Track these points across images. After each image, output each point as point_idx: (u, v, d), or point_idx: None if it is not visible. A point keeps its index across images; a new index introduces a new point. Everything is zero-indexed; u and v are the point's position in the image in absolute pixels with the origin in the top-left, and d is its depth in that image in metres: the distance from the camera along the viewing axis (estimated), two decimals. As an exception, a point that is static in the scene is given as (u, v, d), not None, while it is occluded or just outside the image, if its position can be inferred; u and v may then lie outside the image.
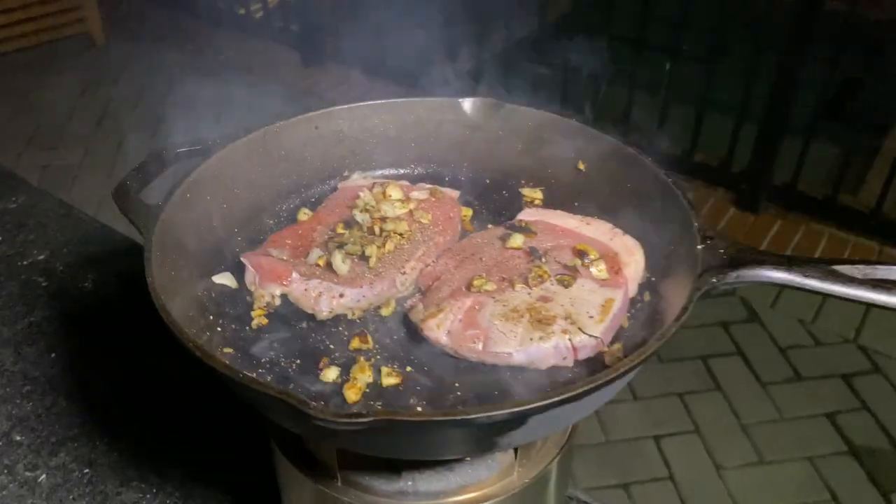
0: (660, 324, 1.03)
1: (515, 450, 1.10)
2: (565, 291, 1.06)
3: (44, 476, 1.39)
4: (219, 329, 1.07)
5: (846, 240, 4.39)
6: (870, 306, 0.93)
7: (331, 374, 1.00)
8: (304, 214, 1.27)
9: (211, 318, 1.09)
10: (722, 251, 1.01)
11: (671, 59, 4.40)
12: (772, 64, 4.06)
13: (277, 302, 1.11)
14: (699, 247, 1.02)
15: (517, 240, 1.14)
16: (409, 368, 1.02)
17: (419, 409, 0.96)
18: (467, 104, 1.35)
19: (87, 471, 1.40)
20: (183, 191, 1.13)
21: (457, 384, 1.00)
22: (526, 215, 1.22)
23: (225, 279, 1.15)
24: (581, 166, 1.29)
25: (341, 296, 1.09)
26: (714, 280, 0.97)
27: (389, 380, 1.00)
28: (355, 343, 1.05)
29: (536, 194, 1.32)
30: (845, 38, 3.87)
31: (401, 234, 1.16)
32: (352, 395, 0.97)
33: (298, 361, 1.03)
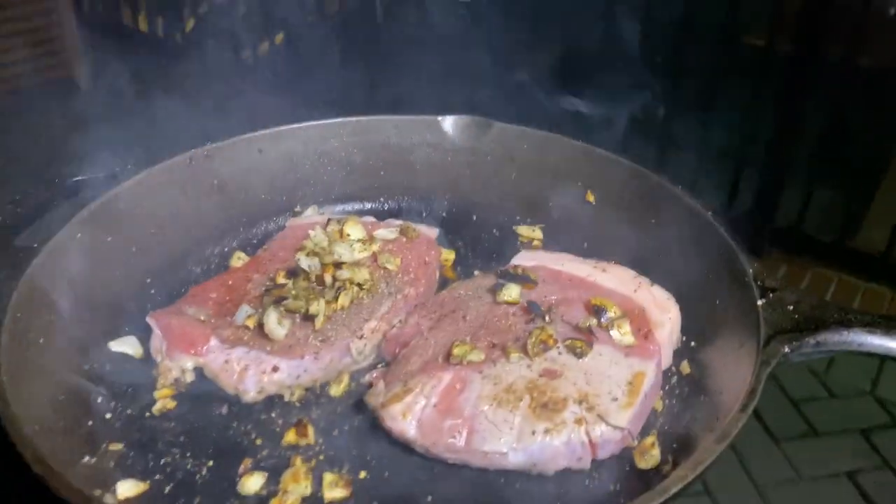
0: (708, 407, 0.76)
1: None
2: (578, 363, 0.78)
3: None
4: (108, 416, 0.79)
5: (856, 285, 4.13)
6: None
7: (253, 483, 0.72)
8: (237, 260, 1.00)
9: (100, 400, 0.81)
10: (791, 308, 0.74)
11: (664, 104, 4.20)
12: (771, 108, 3.87)
13: (190, 378, 0.83)
14: (759, 302, 0.75)
15: (512, 291, 0.86)
16: (363, 474, 0.74)
17: (375, 536, 0.68)
18: (448, 123, 1.10)
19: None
20: (71, 231, 0.86)
21: (430, 497, 0.72)
22: (523, 259, 0.95)
23: (127, 346, 0.87)
24: (590, 198, 1.03)
25: (275, 369, 0.81)
26: (786, 350, 0.70)
27: (334, 492, 0.71)
28: (290, 437, 0.77)
29: (535, 234, 1.05)
30: (842, 84, 3.69)
31: (360, 285, 0.89)
32: (279, 516, 0.69)
33: (211, 463, 0.75)
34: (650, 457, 0.73)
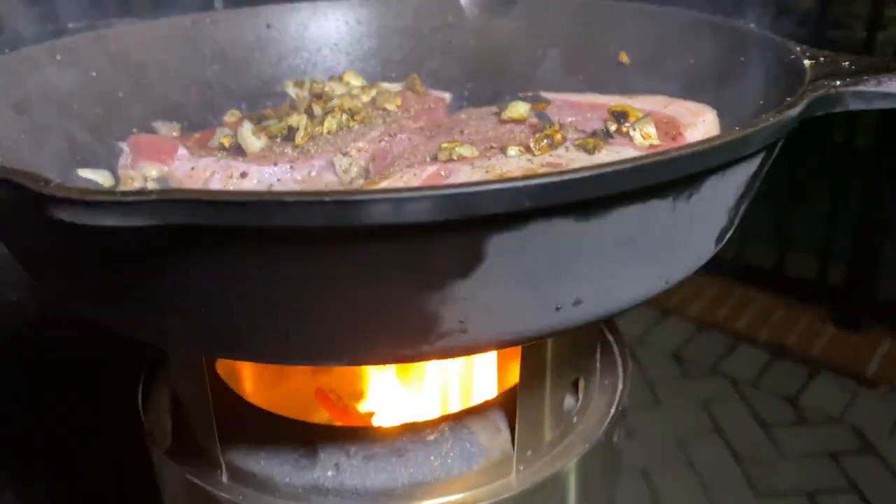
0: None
1: (513, 435, 0.66)
2: (588, 158, 0.66)
3: None
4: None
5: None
6: None
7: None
8: (231, 116, 0.92)
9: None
10: (848, 63, 0.60)
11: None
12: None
13: (151, 187, 0.75)
14: (806, 61, 0.62)
15: (519, 108, 0.75)
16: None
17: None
18: (467, -1, 1.02)
19: None
20: (51, 49, 0.81)
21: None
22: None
23: (97, 175, 0.79)
24: (624, 58, 0.92)
25: (243, 175, 0.71)
26: (837, 83, 0.56)
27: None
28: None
29: (564, 112, 0.94)
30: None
31: (350, 112, 0.79)
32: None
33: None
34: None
